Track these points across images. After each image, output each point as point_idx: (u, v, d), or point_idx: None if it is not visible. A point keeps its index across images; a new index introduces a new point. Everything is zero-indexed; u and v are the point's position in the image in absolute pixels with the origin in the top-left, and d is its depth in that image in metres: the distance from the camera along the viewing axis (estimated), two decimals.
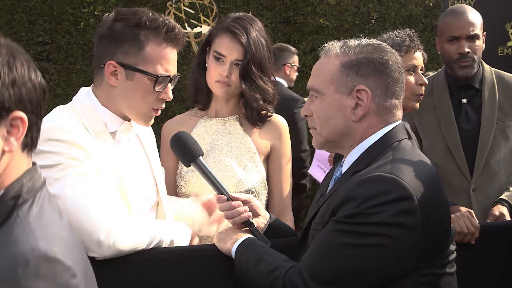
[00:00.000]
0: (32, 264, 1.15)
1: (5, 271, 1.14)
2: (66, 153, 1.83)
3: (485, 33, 3.03)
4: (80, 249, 1.34)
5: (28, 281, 1.14)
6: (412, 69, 2.67)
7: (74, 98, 2.08)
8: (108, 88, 2.01)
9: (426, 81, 2.71)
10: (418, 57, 2.70)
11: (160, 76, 1.99)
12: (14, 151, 1.25)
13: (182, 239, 2.07)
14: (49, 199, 1.33)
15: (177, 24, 2.04)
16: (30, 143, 1.29)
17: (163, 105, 2.07)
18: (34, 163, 1.34)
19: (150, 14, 1.99)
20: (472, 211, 2.57)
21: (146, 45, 1.97)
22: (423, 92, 2.72)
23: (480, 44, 2.98)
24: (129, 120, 2.10)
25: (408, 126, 1.90)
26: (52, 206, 1.32)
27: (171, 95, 2.06)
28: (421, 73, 2.71)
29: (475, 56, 2.96)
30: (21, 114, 1.23)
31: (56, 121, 1.93)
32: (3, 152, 1.23)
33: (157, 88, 2.00)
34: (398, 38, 2.66)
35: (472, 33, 2.93)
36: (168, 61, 2.01)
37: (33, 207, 1.26)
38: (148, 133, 2.29)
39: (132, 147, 2.15)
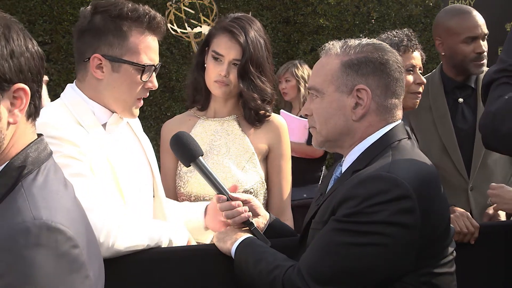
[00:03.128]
0: (33, 233, 1.17)
1: (7, 239, 1.16)
2: (58, 151, 1.81)
3: None
4: (84, 220, 1.34)
5: (29, 249, 1.16)
6: (411, 69, 2.67)
7: (62, 94, 2.07)
8: (94, 81, 2.01)
9: (425, 81, 2.72)
10: (416, 57, 2.70)
11: (146, 65, 2.00)
12: (19, 121, 1.28)
13: (180, 240, 2.07)
14: (55, 170, 1.34)
15: (157, 13, 2.05)
16: (34, 112, 1.32)
17: (147, 94, 2.08)
18: (40, 135, 1.36)
19: (130, 4, 2.00)
20: (468, 213, 2.58)
21: (130, 35, 1.97)
22: (422, 91, 2.73)
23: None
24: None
25: (407, 127, 1.91)
26: (58, 176, 1.34)
27: (156, 84, 2.07)
28: (420, 72, 2.71)
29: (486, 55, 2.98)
30: (23, 85, 1.26)
31: (44, 117, 1.91)
32: (8, 124, 1.26)
33: (144, 78, 2.01)
34: (396, 38, 2.66)
35: (486, 31, 2.94)
36: (152, 49, 2.02)
37: (37, 177, 1.28)
38: (136, 121, 2.28)
39: (125, 136, 2.15)
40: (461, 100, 3.03)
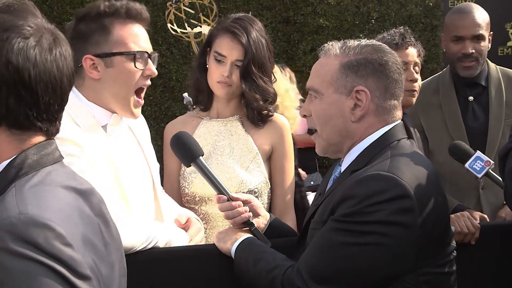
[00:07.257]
0: (19, 228, 1.12)
1: None
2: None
3: (491, 32, 3.03)
4: (84, 225, 1.26)
5: (16, 245, 1.11)
6: (403, 67, 2.65)
7: None
8: (93, 83, 2.02)
9: (416, 77, 2.68)
10: (410, 54, 2.67)
11: (137, 51, 2.00)
12: None
13: (179, 242, 2.07)
14: (57, 174, 1.29)
15: (138, 3, 2.06)
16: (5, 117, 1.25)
17: (149, 82, 2.07)
18: (50, 139, 1.32)
19: (107, 2, 2.02)
20: (485, 216, 2.57)
21: (113, 28, 2.00)
22: (416, 89, 2.70)
23: (485, 44, 2.98)
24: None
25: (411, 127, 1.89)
26: (59, 179, 1.28)
27: (155, 70, 2.07)
28: (416, 69, 2.69)
29: (479, 57, 2.96)
30: None
31: None
32: None
33: (138, 65, 2.01)
34: (389, 37, 2.66)
35: (477, 33, 2.93)
36: (138, 37, 2.03)
37: (33, 178, 1.24)
38: (142, 126, 2.28)
39: (125, 139, 2.15)
40: (471, 98, 3.02)
